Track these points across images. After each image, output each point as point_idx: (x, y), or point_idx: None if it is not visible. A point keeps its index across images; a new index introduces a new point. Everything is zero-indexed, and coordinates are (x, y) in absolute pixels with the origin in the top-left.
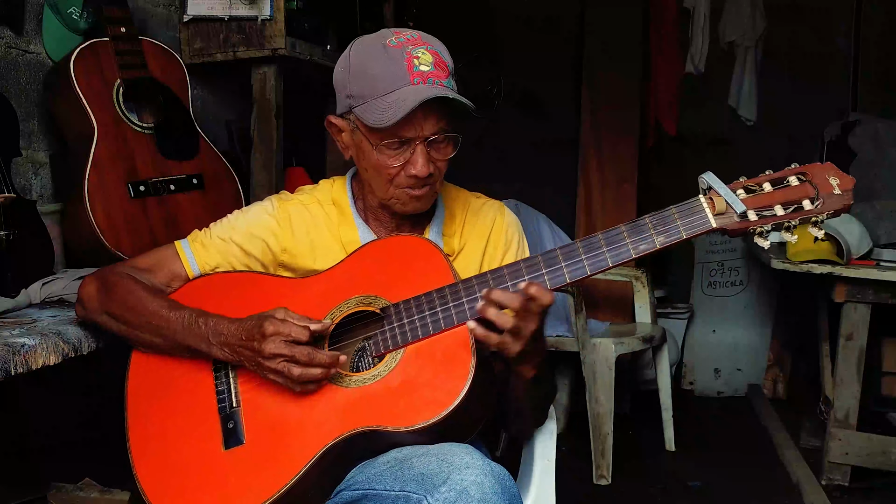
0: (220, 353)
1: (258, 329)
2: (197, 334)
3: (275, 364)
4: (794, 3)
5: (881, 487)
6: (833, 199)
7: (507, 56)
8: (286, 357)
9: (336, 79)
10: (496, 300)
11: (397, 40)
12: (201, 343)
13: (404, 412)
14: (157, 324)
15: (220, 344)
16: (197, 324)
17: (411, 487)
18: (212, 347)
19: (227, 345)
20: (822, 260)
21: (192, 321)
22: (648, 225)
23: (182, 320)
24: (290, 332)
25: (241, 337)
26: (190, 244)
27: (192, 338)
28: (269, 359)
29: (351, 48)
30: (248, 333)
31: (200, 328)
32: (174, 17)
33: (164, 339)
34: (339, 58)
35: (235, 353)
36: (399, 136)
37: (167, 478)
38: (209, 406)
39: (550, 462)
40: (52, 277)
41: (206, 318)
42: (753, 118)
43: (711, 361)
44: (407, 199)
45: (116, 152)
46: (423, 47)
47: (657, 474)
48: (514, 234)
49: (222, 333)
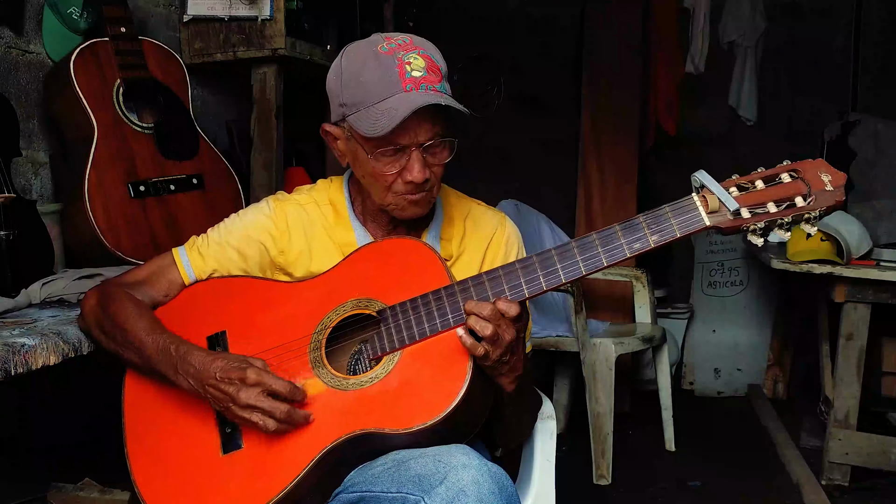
0: (185, 383)
1: (239, 373)
2: (167, 362)
3: (247, 414)
4: (794, 3)
5: (881, 487)
6: (825, 196)
7: (507, 56)
8: (264, 411)
9: (329, 87)
10: (470, 311)
11: (388, 46)
12: (169, 370)
13: (402, 414)
14: (137, 346)
15: (187, 374)
16: (168, 350)
17: (408, 489)
18: (178, 377)
19: (196, 378)
20: (822, 260)
21: (165, 347)
22: (642, 224)
23: (157, 345)
24: (272, 385)
25: (215, 376)
26: (187, 251)
27: (162, 364)
28: (243, 408)
29: (342, 55)
30: (225, 374)
31: (171, 355)
32: (174, 17)
33: (142, 361)
34: (332, 65)
35: (203, 390)
36: (394, 143)
37: (165, 483)
38: (207, 411)
39: (550, 462)
40: (52, 277)
41: (177, 345)
42: (753, 118)
43: (711, 361)
44: (405, 205)
45: (116, 152)
46: (415, 52)
47: (657, 474)
48: (513, 244)
49: (192, 365)
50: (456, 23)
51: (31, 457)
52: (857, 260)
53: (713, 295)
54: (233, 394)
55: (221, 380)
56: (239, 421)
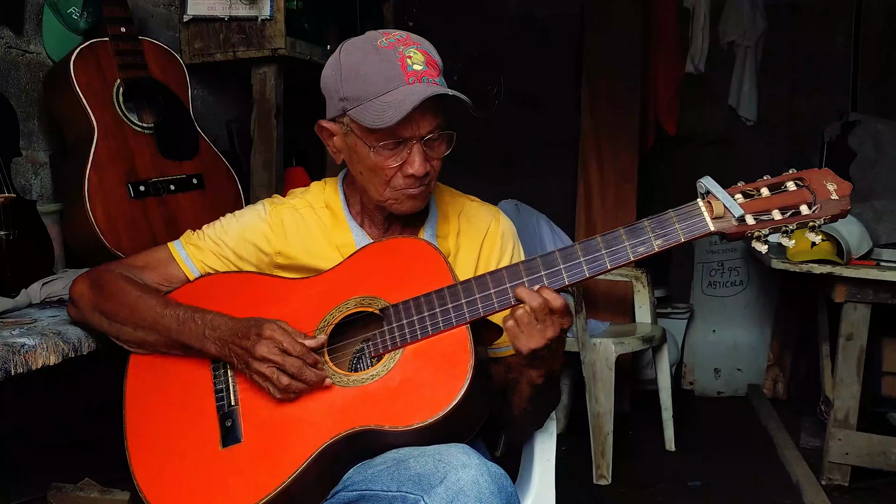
0: (212, 347)
1: (256, 329)
2: (191, 330)
3: (263, 367)
4: (794, 3)
5: (881, 487)
6: (830, 205)
7: (508, 56)
8: (276, 364)
9: (326, 83)
10: (521, 298)
11: (388, 41)
12: (194, 339)
13: (403, 412)
14: (152, 320)
15: (214, 339)
16: (193, 319)
17: (408, 488)
18: (205, 342)
19: (220, 339)
20: (822, 260)
21: (188, 317)
22: (647, 228)
23: (177, 317)
24: (284, 342)
25: (238, 333)
26: (184, 246)
27: (185, 334)
28: (258, 360)
29: (340, 51)
30: (244, 331)
31: (196, 323)
32: (174, 17)
33: (158, 336)
34: (327, 62)
35: (227, 348)
36: (396, 136)
37: (164, 476)
38: (207, 404)
39: (550, 462)
40: (52, 277)
41: (202, 314)
42: (753, 118)
43: (711, 361)
44: (403, 199)
45: (116, 152)
46: (414, 47)
47: (657, 474)
48: (508, 239)
49: (218, 328)
50: (456, 23)
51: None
52: (857, 260)
53: (713, 295)
54: (249, 347)
55: (243, 336)
56: (258, 376)
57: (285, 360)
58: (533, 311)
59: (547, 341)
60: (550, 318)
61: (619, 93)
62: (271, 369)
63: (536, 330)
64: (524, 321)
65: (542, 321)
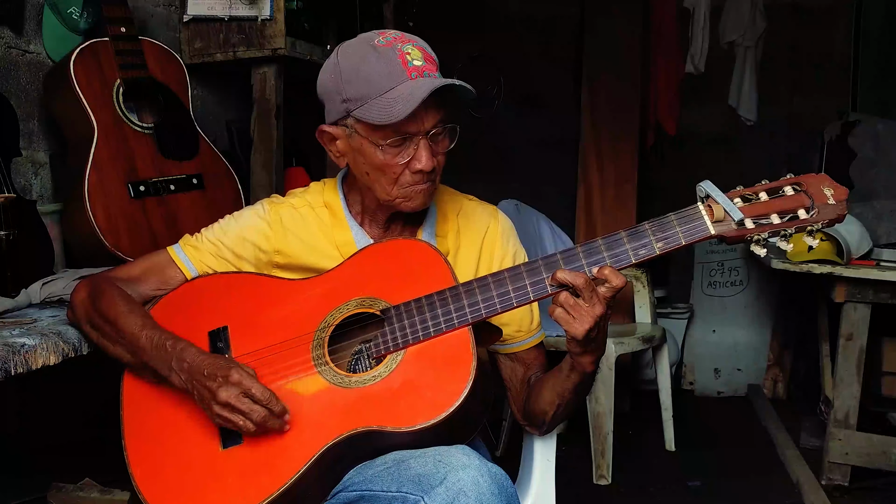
0: (177, 379)
1: (224, 371)
2: (161, 357)
3: (225, 412)
4: (794, 3)
5: (881, 487)
6: (827, 209)
7: (508, 56)
8: (241, 412)
9: (325, 87)
10: (563, 280)
11: (384, 39)
12: (162, 366)
13: (405, 413)
14: (130, 340)
15: (180, 370)
16: (164, 346)
17: (408, 488)
18: (171, 373)
19: (187, 373)
20: (822, 260)
21: (161, 342)
22: (648, 231)
23: (152, 340)
24: (251, 388)
25: (203, 372)
26: (183, 248)
27: (155, 360)
28: (222, 406)
29: (337, 53)
30: (211, 371)
31: (167, 351)
32: (174, 17)
33: (133, 357)
34: (324, 66)
35: (191, 385)
36: (402, 132)
37: (164, 478)
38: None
39: (550, 462)
40: (52, 277)
41: (174, 342)
42: (753, 118)
43: (711, 361)
44: (413, 195)
45: (116, 152)
46: (410, 44)
47: (657, 474)
48: (509, 238)
49: (185, 361)
50: (456, 23)
51: (31, 457)
52: (857, 260)
53: (713, 295)
54: (214, 389)
55: (208, 376)
56: (218, 421)
57: (251, 409)
58: (578, 289)
59: (596, 318)
60: (596, 295)
61: (619, 93)
62: (235, 415)
63: (585, 310)
64: (570, 303)
65: (588, 299)
